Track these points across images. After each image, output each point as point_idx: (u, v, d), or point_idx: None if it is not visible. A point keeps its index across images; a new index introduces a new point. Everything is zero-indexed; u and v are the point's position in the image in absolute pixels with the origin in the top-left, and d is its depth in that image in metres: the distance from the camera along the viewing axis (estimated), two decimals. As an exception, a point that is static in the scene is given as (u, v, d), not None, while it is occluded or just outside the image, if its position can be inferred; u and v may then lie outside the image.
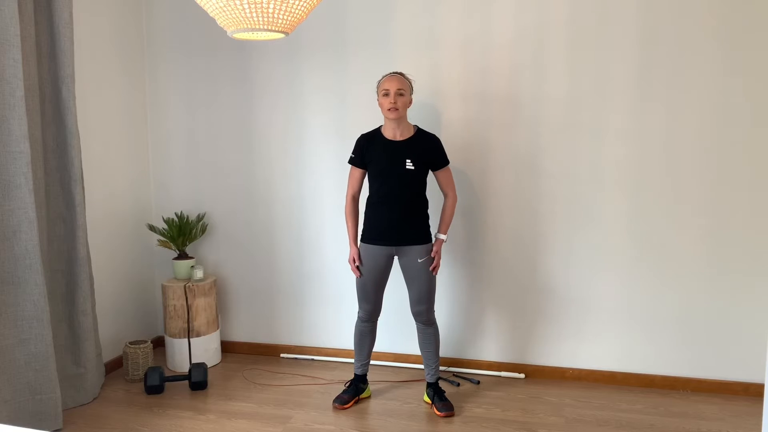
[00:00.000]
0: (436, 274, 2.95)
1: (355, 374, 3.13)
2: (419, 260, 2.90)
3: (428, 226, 2.96)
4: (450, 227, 3.38)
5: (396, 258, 2.98)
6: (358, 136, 3.05)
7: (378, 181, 2.89)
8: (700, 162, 3.05)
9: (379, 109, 3.10)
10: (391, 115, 2.82)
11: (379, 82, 2.87)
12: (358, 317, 3.06)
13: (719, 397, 3.13)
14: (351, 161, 2.98)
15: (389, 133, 2.89)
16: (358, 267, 2.95)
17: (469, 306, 3.44)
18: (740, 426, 2.82)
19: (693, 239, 3.11)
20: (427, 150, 2.89)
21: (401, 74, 2.87)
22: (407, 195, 2.88)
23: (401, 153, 2.86)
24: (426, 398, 3.09)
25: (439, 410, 2.96)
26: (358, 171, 2.97)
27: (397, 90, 2.80)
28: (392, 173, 2.86)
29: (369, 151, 2.91)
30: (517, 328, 3.39)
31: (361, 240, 2.98)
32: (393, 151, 2.87)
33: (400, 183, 2.87)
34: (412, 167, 2.85)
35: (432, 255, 2.93)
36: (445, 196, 2.99)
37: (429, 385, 3.07)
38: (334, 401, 3.05)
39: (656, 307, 3.20)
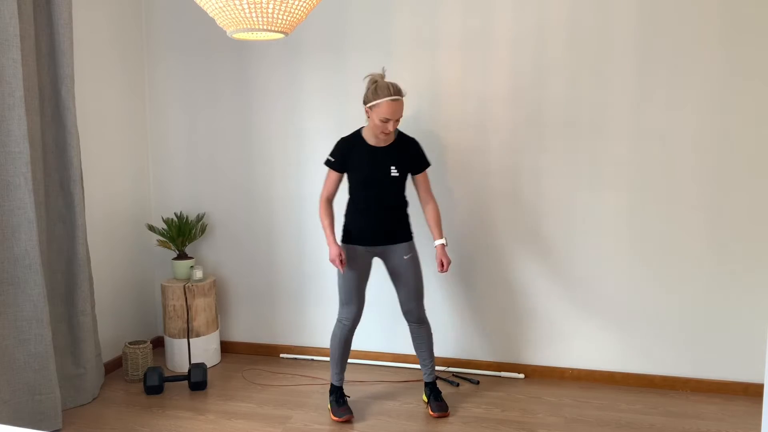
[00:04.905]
0: (446, 271, 2.96)
1: (338, 387, 2.97)
2: (405, 257, 2.87)
3: (409, 224, 2.92)
4: (449, 227, 3.39)
5: (379, 260, 2.92)
6: (340, 138, 2.89)
7: (362, 187, 2.81)
8: (700, 162, 3.05)
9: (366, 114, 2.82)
10: (383, 138, 2.75)
11: (377, 102, 2.65)
12: (342, 325, 2.89)
13: (719, 397, 3.13)
14: (329, 164, 2.83)
15: (372, 140, 2.80)
16: (342, 262, 2.80)
17: (469, 306, 3.44)
18: (740, 426, 2.82)
19: (693, 239, 3.11)
20: (409, 154, 2.85)
21: (400, 95, 2.68)
22: (392, 200, 2.83)
23: (385, 160, 2.80)
24: (424, 397, 3.08)
25: (433, 410, 2.94)
26: (336, 174, 2.84)
27: (397, 118, 2.69)
28: (377, 180, 2.79)
29: (351, 158, 2.80)
30: (516, 328, 3.39)
31: (343, 241, 2.88)
32: (377, 158, 2.79)
33: (384, 189, 2.81)
34: (397, 174, 2.81)
35: (440, 262, 2.85)
36: (427, 203, 2.90)
37: (427, 384, 3.05)
38: (338, 415, 2.89)
39: (656, 307, 3.20)
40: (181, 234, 3.56)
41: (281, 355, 3.74)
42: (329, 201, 2.86)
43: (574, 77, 3.14)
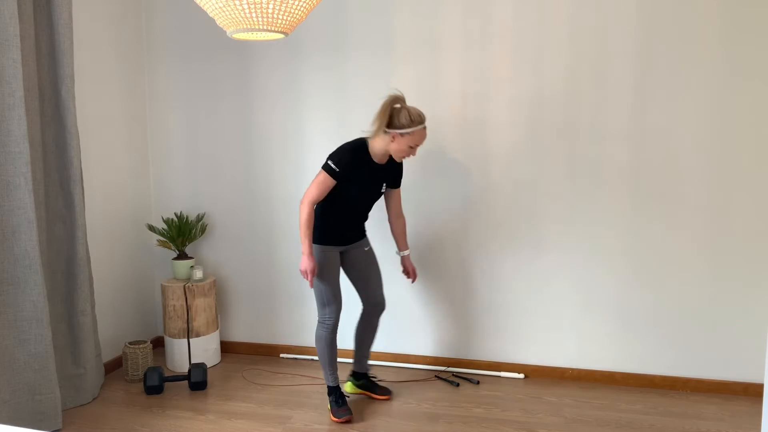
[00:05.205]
0: (414, 281, 3.18)
1: (335, 387, 2.96)
2: (365, 248, 2.99)
3: None
4: (448, 226, 3.39)
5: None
6: (346, 148, 2.75)
7: (354, 199, 2.81)
8: (700, 161, 3.05)
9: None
10: (399, 160, 2.82)
11: (413, 130, 2.66)
12: (326, 326, 2.88)
13: (719, 397, 3.13)
14: (332, 173, 2.71)
15: (378, 158, 2.80)
16: (317, 272, 2.83)
17: (468, 306, 3.44)
18: (740, 426, 2.82)
19: (693, 239, 3.11)
20: (396, 171, 2.94)
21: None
22: (370, 209, 2.95)
23: (382, 177, 2.88)
24: (355, 389, 3.14)
25: (382, 394, 3.12)
26: (332, 182, 2.73)
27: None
28: (370, 195, 2.87)
29: (355, 172, 2.76)
30: (517, 328, 3.39)
31: (319, 242, 2.84)
32: (377, 175, 2.84)
33: (371, 202, 2.91)
34: (384, 190, 2.94)
35: (413, 270, 3.10)
36: (399, 216, 3.04)
37: (361, 375, 3.13)
38: (338, 416, 2.89)
39: (656, 307, 3.20)
40: (181, 234, 3.56)
41: (281, 355, 3.74)
42: (314, 206, 2.78)
43: (574, 77, 3.14)
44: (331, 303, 2.88)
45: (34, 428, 2.75)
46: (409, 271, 3.10)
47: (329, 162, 2.73)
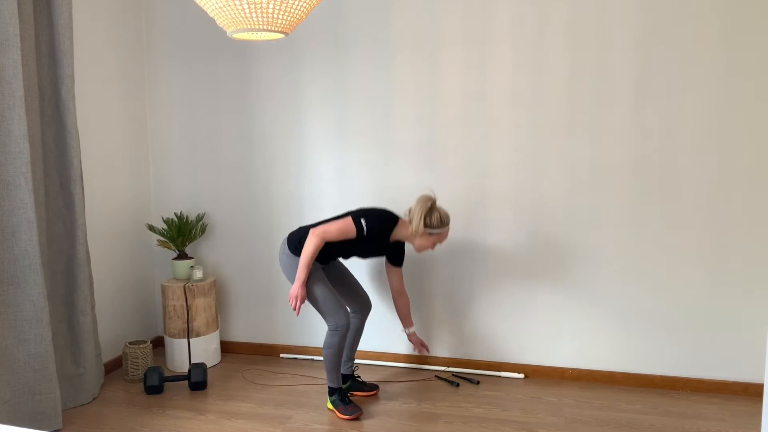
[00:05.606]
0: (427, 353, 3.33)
1: (339, 387, 2.98)
2: (340, 259, 3.13)
3: None
4: (449, 226, 3.39)
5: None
6: (382, 219, 2.85)
7: (354, 250, 2.97)
8: (700, 161, 3.05)
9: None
10: (419, 252, 2.97)
11: (442, 230, 2.85)
12: (339, 332, 2.87)
13: (719, 397, 3.13)
14: (359, 231, 2.81)
15: (394, 238, 2.93)
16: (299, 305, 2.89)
17: (468, 306, 3.44)
18: (740, 426, 2.82)
19: (693, 239, 3.11)
20: (400, 251, 3.07)
21: None
22: None
23: (385, 250, 3.02)
24: (349, 391, 3.19)
25: (372, 389, 3.19)
26: (353, 236, 2.82)
27: None
28: (367, 256, 3.03)
29: (374, 240, 2.88)
30: (516, 328, 3.39)
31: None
32: (384, 248, 3.00)
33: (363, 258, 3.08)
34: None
35: (424, 345, 3.21)
36: (402, 293, 3.12)
37: (348, 378, 3.18)
38: (349, 413, 2.91)
39: (656, 307, 3.20)
40: (181, 234, 3.56)
41: (281, 355, 3.74)
42: (325, 243, 2.85)
43: (573, 77, 3.14)
44: (338, 308, 2.89)
45: (34, 428, 2.75)
46: (419, 345, 3.20)
47: (363, 221, 2.83)
